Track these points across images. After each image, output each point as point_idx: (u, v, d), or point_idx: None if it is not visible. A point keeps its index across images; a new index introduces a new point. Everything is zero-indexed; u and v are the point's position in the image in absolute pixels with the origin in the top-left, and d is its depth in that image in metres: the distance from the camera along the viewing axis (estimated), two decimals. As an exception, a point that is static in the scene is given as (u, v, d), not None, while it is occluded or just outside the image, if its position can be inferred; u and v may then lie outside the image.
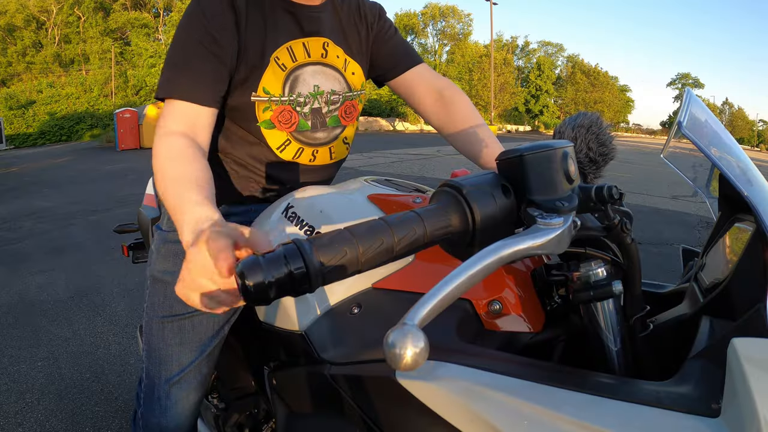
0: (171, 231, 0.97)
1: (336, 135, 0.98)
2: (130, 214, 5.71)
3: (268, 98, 0.87)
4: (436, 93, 0.99)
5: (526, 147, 0.51)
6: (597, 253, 0.64)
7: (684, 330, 0.64)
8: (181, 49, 0.82)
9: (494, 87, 35.06)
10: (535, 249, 0.43)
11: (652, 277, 0.83)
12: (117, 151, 15.92)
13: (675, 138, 0.63)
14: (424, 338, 0.25)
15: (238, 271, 0.31)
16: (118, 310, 3.00)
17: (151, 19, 34.36)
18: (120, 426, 1.91)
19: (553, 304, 0.72)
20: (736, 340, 0.43)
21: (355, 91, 0.98)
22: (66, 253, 4.29)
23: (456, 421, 0.52)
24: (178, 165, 0.70)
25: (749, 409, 0.37)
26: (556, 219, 0.45)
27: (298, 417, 0.79)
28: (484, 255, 0.39)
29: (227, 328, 0.99)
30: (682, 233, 5.14)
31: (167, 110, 0.80)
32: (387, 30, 1.02)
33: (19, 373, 2.30)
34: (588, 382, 0.51)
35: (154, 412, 0.97)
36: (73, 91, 30.29)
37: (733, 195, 0.59)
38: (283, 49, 0.87)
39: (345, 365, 0.68)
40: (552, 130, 0.78)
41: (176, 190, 0.65)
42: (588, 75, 48.01)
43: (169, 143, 0.74)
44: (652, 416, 0.44)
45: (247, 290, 0.31)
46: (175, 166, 0.70)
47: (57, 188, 8.27)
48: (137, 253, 1.75)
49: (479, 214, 0.47)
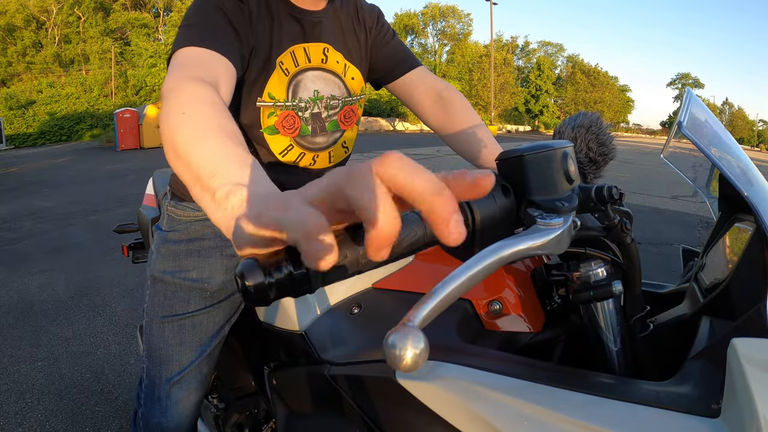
0: (171, 231, 0.97)
1: (335, 139, 0.98)
2: (130, 214, 5.71)
3: (273, 103, 0.87)
4: (435, 95, 0.99)
5: (526, 147, 0.51)
6: (597, 253, 0.64)
7: (684, 330, 0.64)
8: (197, 15, 0.74)
9: (494, 87, 35.06)
10: (535, 249, 0.43)
11: (652, 277, 0.83)
12: (117, 151, 15.92)
13: (675, 138, 0.63)
14: (424, 339, 0.25)
15: (237, 272, 0.31)
16: (118, 310, 3.00)
17: (151, 19, 34.37)
18: (120, 426, 1.91)
19: (553, 304, 0.72)
20: (736, 341, 0.43)
21: (354, 96, 0.98)
22: (66, 253, 4.29)
23: (456, 421, 0.52)
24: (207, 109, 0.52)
25: (749, 410, 0.37)
26: (556, 219, 0.45)
27: (298, 417, 0.79)
28: (484, 255, 0.39)
29: (227, 328, 0.99)
30: (682, 233, 5.14)
31: (180, 59, 0.66)
32: (385, 33, 1.02)
33: (19, 373, 2.30)
34: (588, 382, 0.51)
35: (155, 412, 0.97)
36: (73, 91, 30.31)
37: (733, 195, 0.59)
38: (287, 53, 0.87)
39: (345, 365, 0.68)
40: (552, 130, 0.78)
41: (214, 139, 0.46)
42: (588, 75, 48.03)
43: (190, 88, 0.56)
44: (652, 416, 0.44)
45: (246, 291, 0.30)
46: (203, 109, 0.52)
47: (57, 188, 8.27)
48: (137, 253, 1.75)
49: (479, 214, 0.46)
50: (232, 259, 0.96)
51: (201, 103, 0.52)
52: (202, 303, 0.94)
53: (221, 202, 0.38)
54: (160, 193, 1.40)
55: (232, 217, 0.36)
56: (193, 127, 0.48)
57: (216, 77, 0.64)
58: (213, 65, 0.67)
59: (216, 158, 0.43)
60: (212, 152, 0.43)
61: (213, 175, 0.41)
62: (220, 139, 0.45)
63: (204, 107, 0.51)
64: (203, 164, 0.43)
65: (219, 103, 0.53)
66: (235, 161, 0.42)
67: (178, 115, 0.50)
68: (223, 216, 0.37)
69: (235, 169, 0.41)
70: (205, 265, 0.95)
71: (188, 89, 0.56)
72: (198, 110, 0.51)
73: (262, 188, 0.38)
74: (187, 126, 0.48)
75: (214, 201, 0.39)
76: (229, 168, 0.41)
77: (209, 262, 0.95)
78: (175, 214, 0.98)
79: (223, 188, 0.39)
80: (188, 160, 0.44)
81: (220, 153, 0.43)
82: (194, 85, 0.57)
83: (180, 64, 0.65)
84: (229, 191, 0.38)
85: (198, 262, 0.95)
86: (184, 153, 0.45)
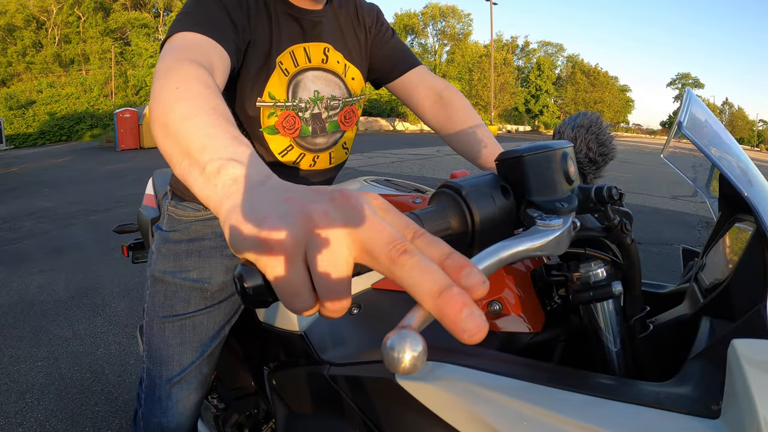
0: (171, 231, 0.97)
1: (336, 140, 0.98)
2: (130, 214, 5.71)
3: (273, 103, 0.87)
4: (435, 95, 0.99)
5: (526, 148, 0.51)
6: (597, 254, 0.64)
7: (684, 330, 0.64)
8: (196, 5, 0.74)
9: (494, 87, 35.06)
10: (535, 250, 0.43)
11: (652, 277, 0.83)
12: (117, 151, 15.92)
13: (675, 138, 0.63)
14: (422, 342, 0.25)
15: (236, 275, 0.31)
16: (118, 310, 3.00)
17: (151, 19, 34.36)
18: (120, 426, 1.91)
19: (553, 304, 0.72)
20: (737, 341, 0.43)
21: (354, 97, 0.98)
22: (66, 253, 4.29)
23: (455, 421, 0.52)
24: (202, 89, 0.50)
25: (749, 410, 0.37)
26: (556, 220, 0.45)
27: (297, 417, 0.79)
28: (483, 257, 0.39)
29: (228, 328, 0.99)
30: (682, 233, 5.14)
31: (175, 43, 0.65)
32: (384, 33, 1.02)
33: (19, 373, 2.30)
34: (587, 382, 0.51)
35: (155, 412, 0.97)
36: (73, 91, 30.32)
37: (733, 195, 0.59)
38: (287, 53, 0.87)
39: (344, 366, 0.68)
40: (552, 130, 0.78)
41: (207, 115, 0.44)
42: (588, 75, 48.03)
43: (185, 68, 0.54)
44: (652, 417, 0.44)
45: (245, 293, 0.30)
46: (198, 88, 0.50)
47: (57, 188, 8.27)
48: (137, 253, 1.75)
49: (478, 215, 0.46)
50: (233, 260, 0.96)
51: (195, 81, 0.51)
52: (202, 303, 0.94)
53: (211, 177, 0.36)
54: (160, 193, 1.40)
55: (224, 195, 0.34)
56: (185, 103, 0.46)
57: (211, 62, 0.63)
58: (208, 51, 0.66)
59: (207, 133, 0.41)
60: (204, 127, 0.42)
61: (204, 149, 0.39)
62: (213, 117, 0.44)
63: (199, 86, 0.50)
64: (194, 138, 0.41)
65: (213, 86, 0.52)
66: (227, 138, 0.40)
67: (171, 90, 0.49)
68: (213, 193, 0.35)
69: (228, 146, 0.39)
70: (205, 265, 0.95)
71: (183, 69, 0.54)
72: (192, 88, 0.49)
73: (254, 170, 0.36)
74: (179, 102, 0.47)
75: (204, 175, 0.37)
76: (221, 143, 0.39)
77: (210, 262, 0.95)
78: (176, 214, 0.98)
79: (214, 163, 0.37)
80: (178, 134, 0.43)
81: (213, 129, 0.42)
82: (190, 66, 0.55)
83: (175, 47, 0.63)
84: (221, 166, 0.36)
85: (198, 262, 0.95)
86: (175, 128, 0.44)
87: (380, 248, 0.27)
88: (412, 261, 0.27)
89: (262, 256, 0.29)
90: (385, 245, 0.27)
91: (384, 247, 0.27)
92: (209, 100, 0.48)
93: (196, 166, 0.39)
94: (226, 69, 0.69)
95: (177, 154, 0.42)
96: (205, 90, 0.50)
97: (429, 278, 0.26)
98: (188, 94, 0.48)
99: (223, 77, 0.67)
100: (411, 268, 0.26)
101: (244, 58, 0.82)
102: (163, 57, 0.59)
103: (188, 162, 0.40)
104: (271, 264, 0.29)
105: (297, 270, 0.28)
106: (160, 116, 0.47)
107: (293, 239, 0.29)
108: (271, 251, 0.29)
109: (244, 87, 0.85)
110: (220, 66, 0.66)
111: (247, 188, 0.34)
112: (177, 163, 0.42)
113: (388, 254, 0.27)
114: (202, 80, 0.52)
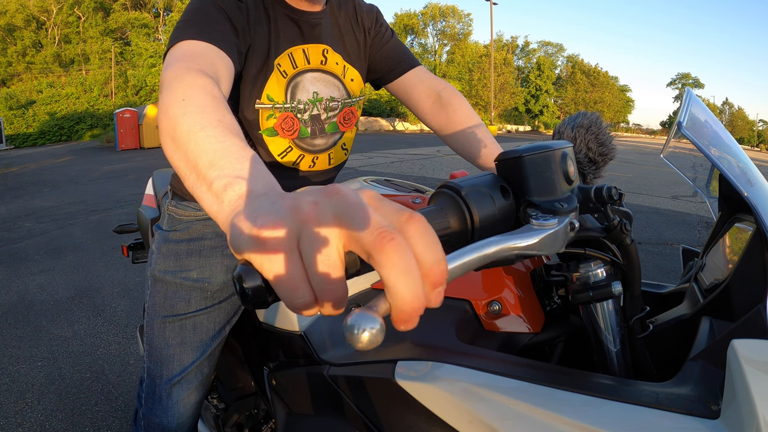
0: (172, 230, 0.97)
1: (335, 141, 0.98)
2: (130, 214, 5.72)
3: (272, 105, 0.87)
4: (434, 95, 0.99)
5: (525, 148, 0.51)
6: (596, 254, 0.64)
7: (684, 331, 0.64)
8: (196, 12, 0.74)
9: (494, 87, 35.05)
10: (525, 249, 0.43)
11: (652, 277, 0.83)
12: (117, 151, 15.93)
13: (675, 138, 0.63)
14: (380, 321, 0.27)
15: (235, 275, 0.31)
16: (118, 310, 3.00)
17: (151, 19, 34.37)
18: (120, 426, 1.91)
19: (553, 304, 0.72)
20: (736, 342, 0.43)
21: (354, 98, 0.98)
22: (66, 253, 4.29)
23: (454, 421, 0.52)
24: (209, 100, 0.51)
25: (749, 411, 0.37)
26: (551, 220, 0.45)
27: (297, 417, 0.79)
28: (467, 251, 0.39)
29: (228, 328, 0.99)
30: (682, 233, 5.14)
31: (179, 52, 0.65)
32: (384, 33, 1.02)
33: (19, 373, 2.30)
34: (587, 383, 0.51)
35: (156, 412, 0.97)
36: (73, 91, 30.33)
37: (733, 195, 0.59)
38: (285, 55, 0.87)
39: (344, 366, 0.68)
40: (552, 130, 0.78)
41: (214, 129, 0.45)
42: (588, 75, 48.02)
43: (191, 78, 0.55)
44: (652, 417, 0.44)
45: (244, 294, 0.30)
46: (205, 99, 0.51)
47: (57, 188, 8.27)
48: (137, 253, 1.75)
49: (478, 215, 0.46)
50: (233, 260, 0.96)
51: (202, 93, 0.52)
52: (202, 303, 0.94)
53: (218, 194, 0.37)
54: (160, 193, 1.40)
55: (231, 211, 0.35)
56: (193, 116, 0.47)
57: (216, 71, 0.64)
58: (213, 58, 0.66)
59: (215, 149, 0.42)
60: (211, 143, 0.43)
61: (211, 166, 0.40)
62: (219, 130, 0.44)
63: (206, 97, 0.51)
64: (201, 154, 0.42)
65: (219, 96, 0.53)
66: (234, 154, 0.41)
67: (178, 102, 0.50)
68: (220, 209, 0.37)
69: (234, 162, 0.40)
70: (205, 264, 0.95)
71: (189, 79, 0.55)
72: (199, 100, 0.50)
73: (260, 185, 0.37)
74: (187, 115, 0.47)
75: (211, 192, 0.38)
76: (227, 160, 0.40)
77: (210, 261, 0.95)
78: (176, 213, 0.98)
79: (221, 180, 0.38)
80: (186, 149, 0.44)
81: (219, 145, 0.42)
82: (196, 76, 0.56)
83: (179, 57, 0.64)
84: (227, 184, 0.37)
85: (199, 262, 0.95)
86: (184, 142, 0.44)
87: (366, 235, 0.28)
88: (393, 247, 0.27)
89: (259, 253, 0.29)
90: (371, 232, 0.27)
91: (370, 234, 0.27)
92: (215, 111, 0.48)
93: (204, 182, 0.40)
94: (231, 75, 0.69)
95: (185, 167, 0.44)
96: (211, 101, 0.50)
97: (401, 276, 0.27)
98: (194, 106, 0.49)
99: (228, 84, 0.67)
100: (390, 253, 0.27)
101: (245, 62, 0.82)
102: (168, 67, 0.60)
103: (195, 177, 0.41)
104: (268, 260, 0.29)
105: (293, 263, 0.29)
106: (168, 129, 0.48)
107: (286, 232, 0.29)
108: (266, 247, 0.29)
109: (244, 90, 0.85)
110: (225, 73, 0.67)
111: (251, 199, 0.35)
112: (186, 177, 0.43)
113: (372, 241, 0.27)
114: (208, 90, 0.53)
